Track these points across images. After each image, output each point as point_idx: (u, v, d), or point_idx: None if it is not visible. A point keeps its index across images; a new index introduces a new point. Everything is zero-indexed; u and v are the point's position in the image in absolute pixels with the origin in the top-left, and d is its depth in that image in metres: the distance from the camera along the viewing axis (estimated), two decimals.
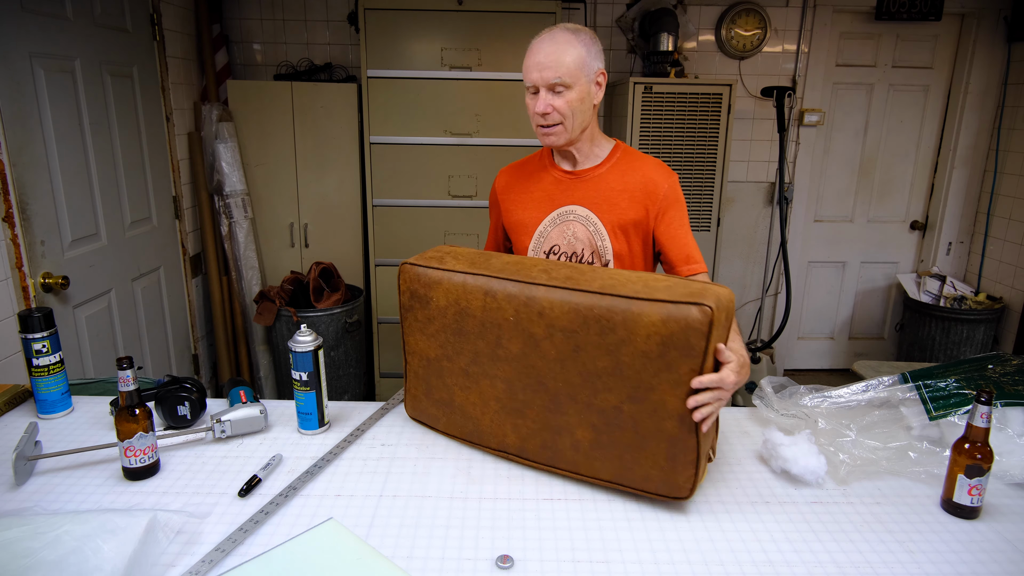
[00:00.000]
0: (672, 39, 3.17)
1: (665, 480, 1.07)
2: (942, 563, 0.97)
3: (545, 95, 1.36)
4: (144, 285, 2.69)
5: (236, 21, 3.32)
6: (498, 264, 1.19)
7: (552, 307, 1.09)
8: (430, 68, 2.96)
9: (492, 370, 1.18)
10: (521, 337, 1.13)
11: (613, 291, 1.05)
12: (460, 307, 1.19)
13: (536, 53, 1.35)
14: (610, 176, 1.47)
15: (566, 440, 1.14)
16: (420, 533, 1.03)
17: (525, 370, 1.14)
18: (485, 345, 1.17)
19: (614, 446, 1.09)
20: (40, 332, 1.31)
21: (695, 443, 1.04)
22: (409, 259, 1.27)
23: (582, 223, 1.47)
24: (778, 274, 3.79)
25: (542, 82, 1.35)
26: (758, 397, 1.39)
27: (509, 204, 1.56)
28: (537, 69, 1.35)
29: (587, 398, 1.09)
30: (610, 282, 1.07)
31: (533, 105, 1.39)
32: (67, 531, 0.90)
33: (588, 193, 1.47)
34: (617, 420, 1.08)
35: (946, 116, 3.75)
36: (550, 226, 1.49)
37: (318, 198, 3.26)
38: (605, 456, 1.11)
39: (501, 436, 1.22)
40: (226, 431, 1.29)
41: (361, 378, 3.26)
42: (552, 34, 1.36)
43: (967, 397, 1.25)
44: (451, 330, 1.21)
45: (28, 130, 2.01)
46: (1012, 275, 3.50)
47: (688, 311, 0.99)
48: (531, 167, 1.56)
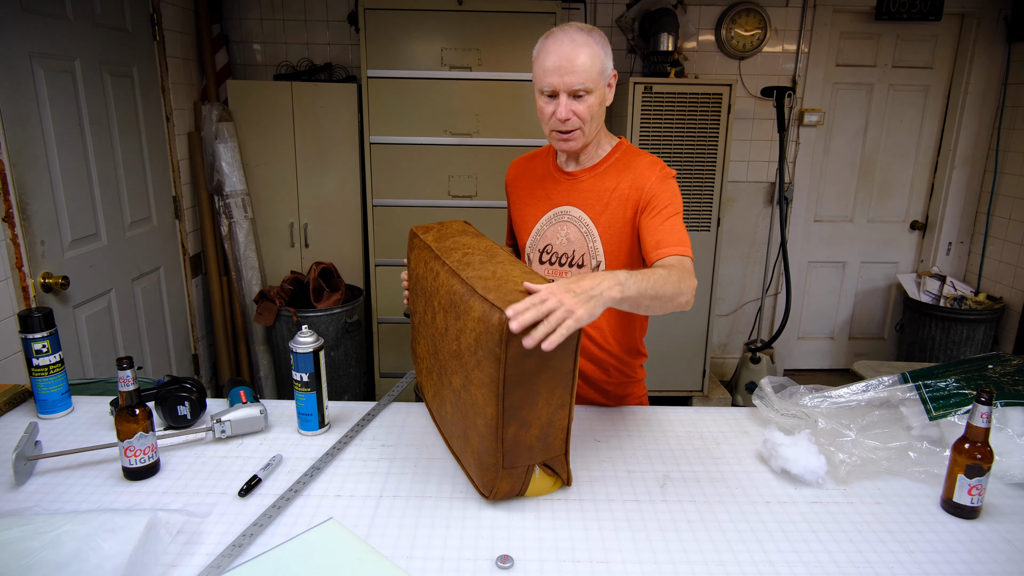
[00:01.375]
0: (672, 39, 3.17)
1: (477, 472, 1.11)
2: (942, 563, 0.97)
3: (566, 100, 1.31)
4: (144, 285, 2.69)
5: (236, 21, 3.32)
6: (449, 242, 1.30)
7: (443, 286, 1.16)
8: (430, 68, 2.96)
9: (424, 331, 1.29)
10: (431, 308, 1.22)
11: (470, 282, 1.08)
12: (416, 271, 1.33)
13: (554, 56, 1.29)
14: (606, 177, 1.45)
15: (444, 409, 1.23)
16: (420, 533, 1.03)
17: (432, 337, 1.24)
18: (422, 308, 1.29)
19: (456, 425, 1.17)
20: (40, 332, 1.31)
21: (495, 447, 1.03)
22: (419, 225, 1.41)
23: (575, 224, 1.46)
24: (778, 274, 3.79)
25: (564, 87, 1.29)
26: (758, 397, 1.39)
27: (514, 197, 1.58)
28: (558, 73, 1.28)
29: (449, 375, 1.16)
30: (483, 273, 1.11)
31: (549, 110, 1.33)
32: (67, 531, 0.90)
33: (583, 195, 1.45)
34: (459, 402, 1.13)
35: (946, 116, 3.75)
36: (546, 225, 1.49)
37: (318, 198, 3.26)
38: (455, 433, 1.19)
39: (428, 389, 1.35)
40: (226, 431, 1.29)
41: (361, 378, 3.26)
42: (569, 35, 1.29)
43: (967, 397, 1.25)
44: (415, 290, 1.36)
45: (28, 130, 2.01)
46: (1012, 275, 3.50)
47: (492, 315, 0.97)
48: (537, 163, 1.56)
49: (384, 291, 3.23)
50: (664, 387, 3.41)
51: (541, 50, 1.33)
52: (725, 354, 4.00)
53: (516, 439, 1.04)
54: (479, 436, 1.06)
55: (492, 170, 3.07)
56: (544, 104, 1.34)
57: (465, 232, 1.36)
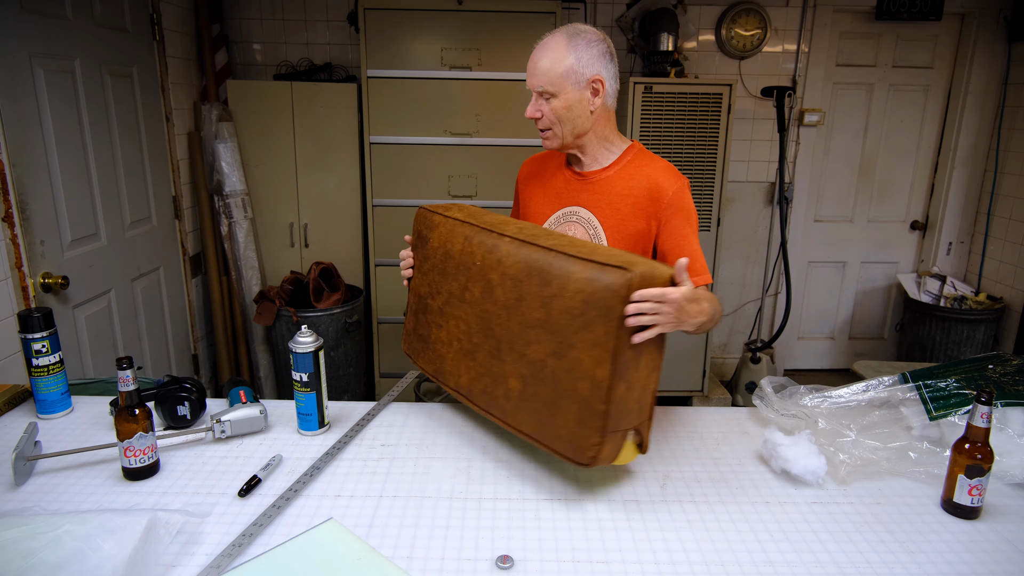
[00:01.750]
0: (672, 39, 3.17)
1: (572, 442, 1.09)
2: (942, 563, 0.97)
3: (535, 100, 1.39)
4: (144, 285, 2.69)
5: (236, 21, 3.32)
6: (488, 219, 1.28)
7: (509, 256, 1.16)
8: (430, 68, 2.96)
9: (458, 311, 1.27)
10: (482, 282, 1.21)
11: (559, 249, 1.10)
12: (446, 249, 1.30)
13: (530, 58, 1.38)
14: (616, 180, 1.44)
15: (501, 388, 1.19)
16: (420, 533, 1.03)
17: (481, 314, 1.21)
18: (456, 287, 1.27)
19: (536, 399, 1.13)
20: (40, 332, 1.31)
21: (604, 411, 1.04)
22: (432, 206, 1.41)
23: (583, 225, 1.46)
24: (778, 274, 3.79)
25: (531, 87, 1.39)
26: (758, 397, 1.39)
27: (526, 195, 1.59)
28: (528, 75, 1.39)
29: (521, 348, 1.14)
30: (563, 242, 1.13)
31: None
32: (67, 531, 0.90)
33: (592, 196, 1.46)
34: (541, 374, 1.11)
35: (946, 116, 3.75)
36: (554, 224, 1.50)
37: (318, 198, 3.26)
38: (529, 408, 1.15)
39: (457, 376, 1.29)
40: (226, 431, 1.29)
41: (361, 378, 3.26)
42: (548, 39, 1.37)
43: (967, 397, 1.25)
44: (437, 270, 1.33)
45: (28, 130, 2.01)
46: (1012, 275, 3.50)
47: (610, 274, 1.03)
48: (550, 162, 1.58)
49: (384, 291, 3.22)
50: (664, 387, 3.41)
51: None
52: (725, 354, 4.00)
53: (622, 401, 1.06)
54: (580, 402, 1.06)
55: (492, 170, 3.07)
56: None
57: (489, 212, 1.36)
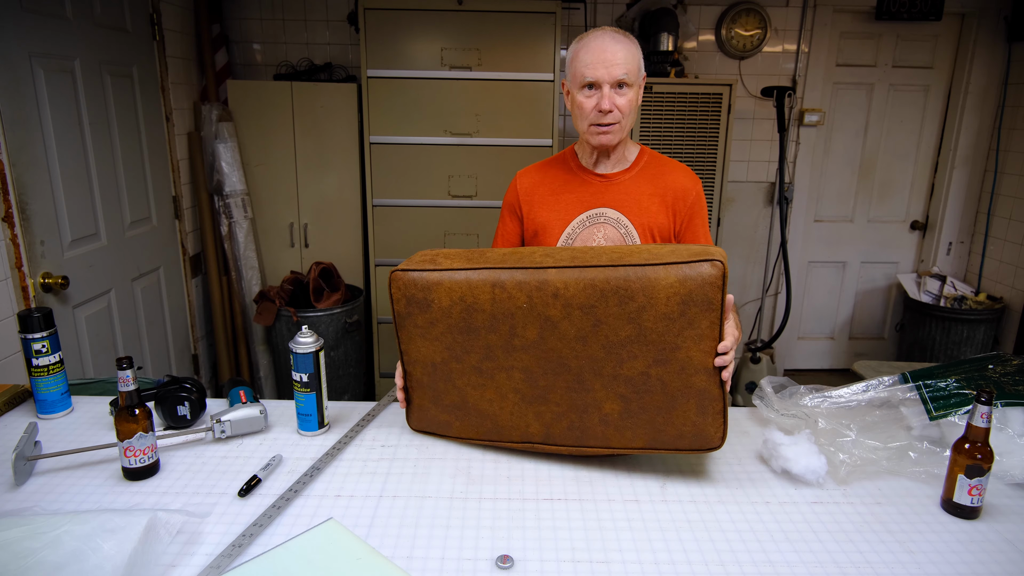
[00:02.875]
0: (672, 39, 3.17)
1: (697, 434, 1.12)
2: (942, 563, 0.97)
3: (609, 91, 1.35)
4: (144, 285, 2.69)
5: (236, 21, 3.32)
6: (495, 256, 1.19)
7: (567, 286, 1.10)
8: (430, 68, 2.96)
9: (508, 361, 1.18)
10: (537, 322, 1.13)
11: (625, 262, 1.08)
12: (467, 304, 1.16)
13: (598, 50, 1.34)
14: (640, 180, 1.49)
15: (594, 416, 1.16)
16: (420, 533, 1.03)
17: (544, 354, 1.15)
18: (498, 337, 1.17)
19: (645, 411, 1.13)
20: (40, 332, 1.31)
21: (721, 393, 1.09)
22: (398, 267, 1.22)
23: (613, 225, 1.48)
24: (778, 274, 3.79)
25: (609, 78, 1.34)
26: (758, 397, 1.38)
27: (534, 207, 1.53)
28: (604, 65, 1.33)
29: (612, 370, 1.12)
30: (616, 254, 1.11)
31: (591, 103, 1.37)
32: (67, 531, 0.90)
33: (619, 196, 1.48)
34: (645, 385, 1.11)
35: (946, 116, 3.75)
36: (579, 228, 1.49)
37: (318, 198, 3.26)
38: (636, 423, 1.14)
39: (524, 427, 1.22)
40: (226, 431, 1.29)
41: (361, 378, 3.26)
42: (608, 34, 1.36)
43: (967, 397, 1.25)
44: (458, 329, 1.19)
45: (28, 130, 2.01)
46: (1012, 275, 3.50)
47: (702, 268, 1.05)
48: (556, 170, 1.55)
49: (384, 291, 3.22)
50: None
51: (580, 48, 1.37)
52: None
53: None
54: (697, 395, 1.09)
55: (492, 170, 3.07)
56: (584, 99, 1.38)
57: (487, 249, 1.27)
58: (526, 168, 1.60)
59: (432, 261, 1.21)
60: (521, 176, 1.58)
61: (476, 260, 1.19)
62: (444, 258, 1.22)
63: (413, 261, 1.23)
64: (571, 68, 1.40)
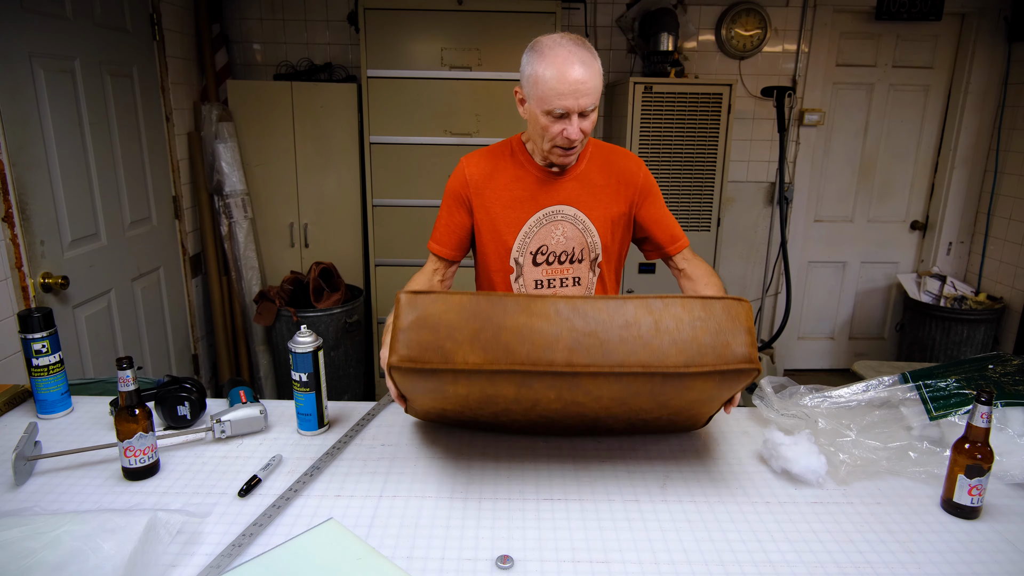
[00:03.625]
0: (672, 39, 3.17)
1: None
2: (942, 563, 0.97)
3: (577, 120, 1.32)
4: (144, 285, 2.69)
5: (236, 21, 3.32)
6: (522, 352, 1.01)
7: (599, 387, 1.05)
8: (430, 68, 2.96)
9: (524, 417, 1.20)
10: (563, 402, 1.11)
11: (661, 368, 1.02)
12: (487, 394, 1.09)
13: (568, 78, 1.27)
14: (591, 172, 1.49)
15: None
16: (420, 533, 1.03)
17: (563, 415, 1.18)
18: (519, 409, 1.15)
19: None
20: (40, 332, 1.31)
21: None
22: (399, 357, 1.01)
23: (571, 222, 1.48)
24: (778, 274, 3.79)
25: (578, 108, 1.30)
26: (758, 397, 1.38)
27: (484, 200, 1.48)
28: (574, 96, 1.28)
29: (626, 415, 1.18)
30: (649, 357, 1.02)
31: (556, 129, 1.32)
32: (67, 531, 0.90)
33: (574, 191, 1.47)
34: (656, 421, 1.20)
35: (946, 116, 3.75)
36: (536, 226, 1.48)
37: (318, 198, 3.26)
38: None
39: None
40: (226, 431, 1.29)
41: (361, 378, 3.26)
42: (576, 55, 1.28)
43: (967, 397, 1.25)
44: (474, 403, 1.14)
45: (28, 130, 2.01)
46: (1012, 275, 3.50)
47: (743, 376, 1.05)
48: (504, 162, 1.49)
49: (384, 291, 3.22)
50: None
51: (545, 69, 1.28)
52: None
53: None
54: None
55: None
56: (550, 123, 1.33)
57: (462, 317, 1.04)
58: (471, 155, 1.52)
59: (440, 348, 1.01)
60: (469, 164, 1.50)
61: (498, 357, 1.01)
62: (452, 343, 1.01)
63: (415, 341, 1.01)
64: (535, 88, 1.31)
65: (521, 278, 1.51)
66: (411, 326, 1.02)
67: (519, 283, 1.51)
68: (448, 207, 1.52)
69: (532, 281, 1.51)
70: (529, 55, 1.34)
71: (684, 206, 3.19)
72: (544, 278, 1.51)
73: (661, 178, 3.15)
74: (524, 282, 1.51)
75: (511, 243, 1.49)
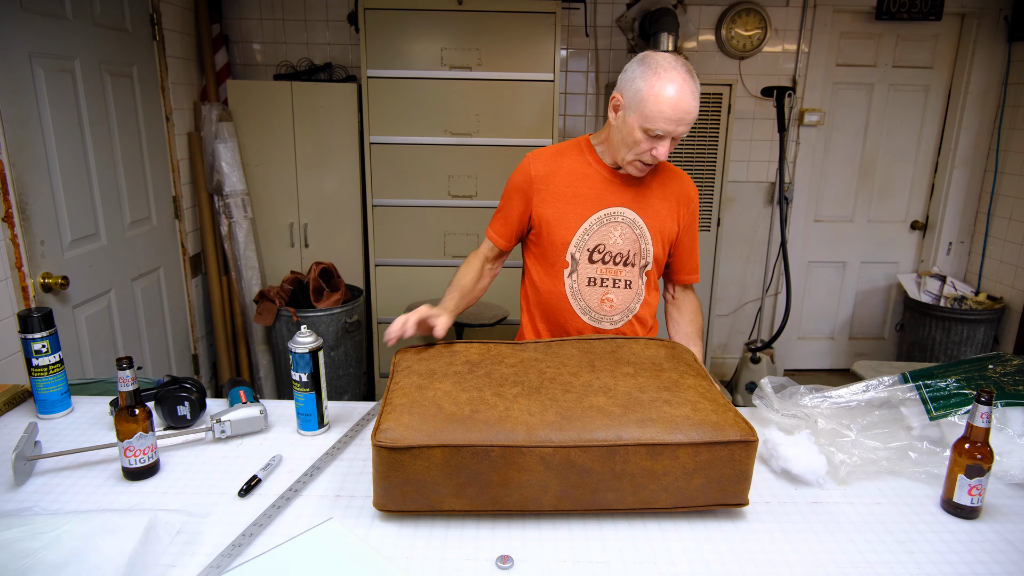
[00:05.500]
0: (672, 39, 3.17)
1: None
2: (942, 563, 0.97)
3: (670, 143, 1.38)
4: (144, 285, 2.69)
5: (236, 21, 3.32)
6: (510, 501, 1.03)
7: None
8: (430, 68, 2.96)
9: None
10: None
11: (649, 507, 1.05)
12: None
13: (680, 106, 1.33)
14: (652, 183, 1.54)
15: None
16: (420, 533, 1.03)
17: None
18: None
19: None
20: (40, 332, 1.31)
21: None
22: (379, 501, 1.03)
23: (629, 225, 1.51)
24: (778, 274, 3.79)
25: (677, 135, 1.37)
26: (758, 397, 1.38)
27: (547, 194, 1.52)
28: (678, 123, 1.34)
29: None
30: (637, 503, 1.05)
31: (647, 146, 1.39)
32: (67, 531, 0.90)
33: (636, 197, 1.52)
34: None
35: (946, 116, 3.75)
36: (596, 224, 1.51)
37: (318, 198, 3.26)
38: None
39: None
40: (226, 431, 1.29)
41: (361, 378, 3.26)
42: (689, 86, 1.34)
43: (967, 397, 1.25)
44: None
45: (28, 130, 2.01)
46: (1012, 275, 3.50)
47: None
48: (571, 160, 1.54)
49: (384, 291, 3.23)
50: None
51: (661, 92, 1.33)
52: (725, 354, 4.00)
53: None
54: None
55: (492, 170, 3.07)
56: (643, 139, 1.38)
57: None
58: (539, 151, 1.56)
59: (424, 499, 1.02)
60: (535, 160, 1.54)
61: (485, 505, 1.03)
62: (438, 497, 1.02)
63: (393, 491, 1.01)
64: (641, 103, 1.35)
65: (575, 273, 1.54)
66: (393, 484, 1.01)
67: (572, 278, 1.54)
68: (509, 199, 1.57)
69: (586, 278, 1.54)
70: (641, 69, 1.37)
71: None
72: (598, 276, 1.54)
73: None
74: (578, 277, 1.54)
75: (570, 238, 1.52)
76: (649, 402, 1.08)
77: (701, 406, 1.07)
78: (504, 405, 1.07)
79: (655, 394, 1.11)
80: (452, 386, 1.12)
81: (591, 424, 1.03)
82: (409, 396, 1.10)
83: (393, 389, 1.14)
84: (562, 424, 1.03)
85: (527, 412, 1.06)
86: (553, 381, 1.15)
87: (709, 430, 1.02)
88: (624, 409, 1.06)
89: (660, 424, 1.03)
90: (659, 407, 1.06)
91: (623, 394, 1.10)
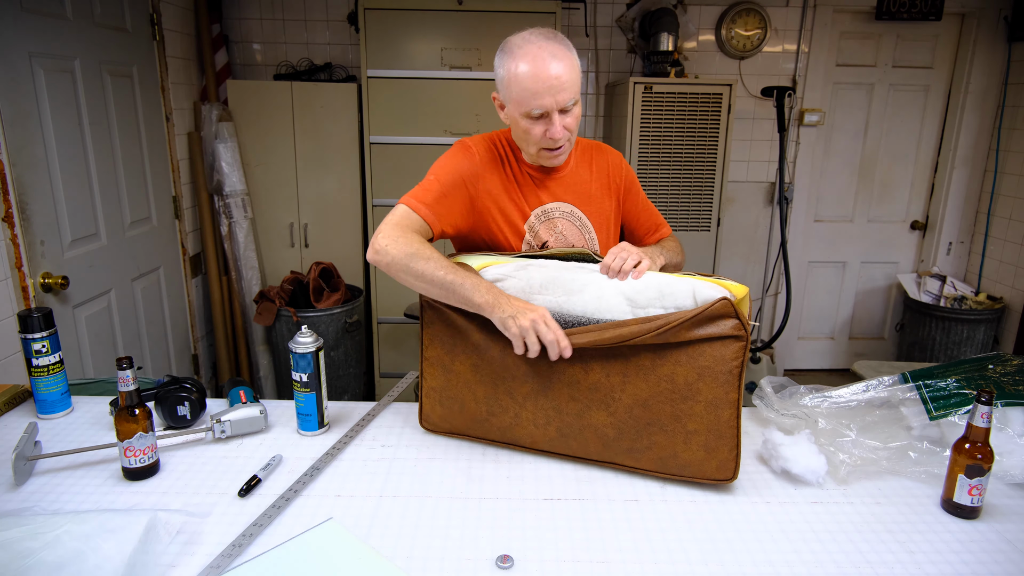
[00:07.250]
0: (672, 39, 3.17)
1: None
2: (942, 563, 0.97)
3: (559, 118, 1.25)
4: (144, 285, 2.69)
5: (236, 21, 3.32)
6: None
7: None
8: (430, 68, 2.96)
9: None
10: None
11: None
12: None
13: (543, 76, 1.21)
14: (579, 170, 1.46)
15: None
16: (420, 533, 1.03)
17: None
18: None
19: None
20: (40, 332, 1.31)
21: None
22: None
23: (568, 219, 1.44)
24: (778, 274, 3.79)
25: (557, 106, 1.24)
26: (758, 397, 1.38)
27: (488, 187, 1.35)
28: (550, 93, 1.22)
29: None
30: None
31: (539, 130, 1.27)
32: (67, 531, 0.90)
33: (567, 189, 1.44)
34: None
35: (946, 116, 3.75)
36: (536, 223, 1.42)
37: (318, 198, 3.26)
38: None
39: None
40: (226, 431, 1.29)
41: (361, 378, 3.26)
42: (547, 49, 1.22)
43: (967, 397, 1.25)
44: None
45: (28, 130, 2.01)
46: (1012, 275, 3.50)
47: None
48: (500, 153, 1.40)
49: (384, 291, 3.22)
50: None
51: (517, 68, 1.23)
52: None
53: None
54: None
55: None
56: (530, 125, 1.27)
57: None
58: (476, 138, 1.39)
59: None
60: (476, 147, 1.37)
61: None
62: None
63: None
64: (509, 88, 1.26)
65: None
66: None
67: None
68: (448, 193, 1.31)
69: None
70: (500, 57, 1.28)
71: (684, 206, 3.19)
72: None
73: (661, 178, 3.15)
74: None
75: (516, 242, 1.42)
76: (646, 427, 1.14)
77: (695, 440, 1.13)
78: (515, 411, 1.23)
79: (657, 411, 1.14)
80: (470, 373, 1.25)
81: (585, 446, 1.20)
82: (439, 379, 1.29)
83: (427, 358, 1.31)
84: (560, 444, 1.22)
85: (532, 424, 1.22)
86: (562, 378, 1.18)
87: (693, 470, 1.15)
88: (619, 432, 1.16)
89: (647, 459, 1.16)
90: (652, 435, 1.14)
91: (624, 410, 1.15)
